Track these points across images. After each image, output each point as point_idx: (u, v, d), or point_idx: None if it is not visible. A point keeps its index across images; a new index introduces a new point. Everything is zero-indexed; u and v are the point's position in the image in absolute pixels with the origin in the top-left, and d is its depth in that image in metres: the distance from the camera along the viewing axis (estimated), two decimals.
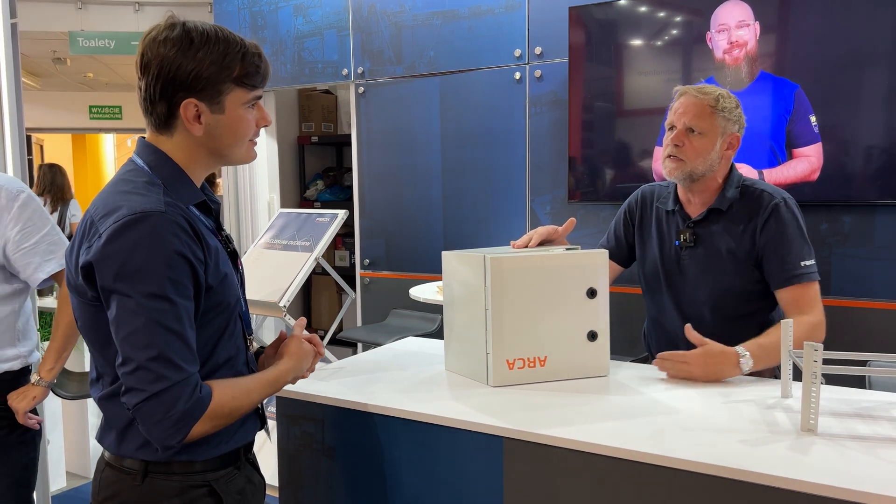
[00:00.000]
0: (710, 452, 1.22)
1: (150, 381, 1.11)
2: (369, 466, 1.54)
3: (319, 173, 5.17)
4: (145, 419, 1.13)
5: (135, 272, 1.11)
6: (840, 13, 2.60)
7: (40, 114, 8.63)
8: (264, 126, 1.31)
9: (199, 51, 1.19)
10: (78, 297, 1.22)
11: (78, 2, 4.58)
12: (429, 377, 1.73)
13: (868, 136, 2.59)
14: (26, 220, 1.95)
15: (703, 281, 1.90)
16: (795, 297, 1.79)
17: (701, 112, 1.83)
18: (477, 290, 1.64)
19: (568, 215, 3.25)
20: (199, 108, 1.21)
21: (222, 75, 1.20)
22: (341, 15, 3.78)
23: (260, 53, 1.25)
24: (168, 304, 1.12)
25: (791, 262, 1.79)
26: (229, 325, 1.29)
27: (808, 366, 1.31)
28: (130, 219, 1.13)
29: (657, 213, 2.00)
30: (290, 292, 2.96)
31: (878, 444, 1.25)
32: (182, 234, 1.16)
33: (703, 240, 1.90)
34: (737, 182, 1.89)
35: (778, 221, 1.81)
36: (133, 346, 1.12)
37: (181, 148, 1.25)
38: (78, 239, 1.21)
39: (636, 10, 2.99)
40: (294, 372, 1.38)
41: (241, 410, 1.24)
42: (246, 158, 1.31)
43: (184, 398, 1.12)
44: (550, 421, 1.39)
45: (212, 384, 1.19)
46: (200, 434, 1.16)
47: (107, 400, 1.24)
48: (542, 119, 3.30)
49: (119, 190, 1.20)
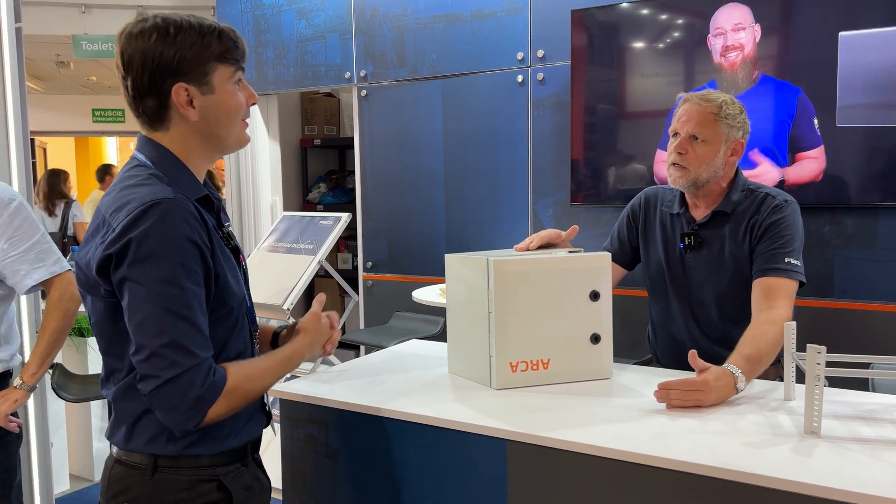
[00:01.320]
0: (713, 455, 1.22)
1: (163, 368, 1.13)
2: (373, 469, 1.54)
3: (322, 176, 5.18)
4: (161, 405, 1.15)
5: (146, 258, 1.13)
6: (842, 17, 2.60)
7: (44, 117, 8.65)
8: (253, 104, 1.32)
9: (178, 35, 1.20)
10: (91, 295, 1.24)
11: (81, 6, 4.60)
12: (432, 380, 1.73)
13: (871, 138, 2.59)
14: (16, 228, 1.96)
15: (708, 283, 1.90)
16: (768, 287, 1.75)
17: (704, 119, 1.83)
18: (480, 292, 1.64)
19: (570, 218, 3.27)
20: (190, 92, 1.22)
21: (205, 54, 1.22)
22: (344, 18, 3.79)
23: (234, 30, 1.27)
24: (178, 290, 1.14)
25: (775, 255, 1.78)
26: (238, 322, 1.30)
27: (811, 368, 1.31)
28: (141, 209, 1.14)
29: (661, 216, 2.00)
30: (293, 295, 2.97)
31: (881, 447, 1.25)
32: (191, 218, 1.17)
33: (707, 242, 1.90)
34: (742, 186, 1.90)
35: (774, 218, 1.82)
36: (146, 333, 1.13)
37: (178, 140, 1.26)
38: (90, 236, 1.23)
39: (638, 12, 3.00)
40: (310, 349, 1.40)
41: (259, 390, 1.26)
42: (241, 139, 1.32)
43: (198, 383, 1.14)
44: (554, 423, 1.39)
45: (226, 366, 1.21)
46: (218, 416, 1.18)
47: (119, 395, 1.25)
48: (544, 122, 3.31)
49: (126, 185, 1.22)
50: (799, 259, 1.79)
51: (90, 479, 3.66)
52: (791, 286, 1.76)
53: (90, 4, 4.62)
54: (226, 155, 1.44)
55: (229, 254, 1.30)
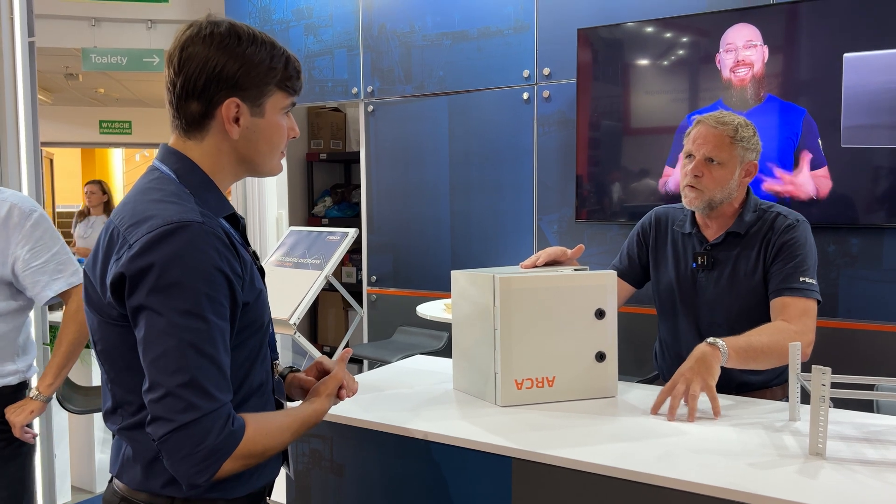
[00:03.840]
0: (718, 475, 1.22)
1: (179, 411, 1.00)
2: (377, 485, 1.54)
3: (328, 190, 5.21)
4: (172, 453, 1.02)
5: (169, 287, 1.01)
6: (847, 39, 2.62)
7: (51, 128, 8.71)
8: (293, 137, 1.25)
9: (247, 49, 1.13)
10: (100, 317, 1.12)
11: (91, 19, 4.65)
12: (437, 396, 1.73)
13: (876, 158, 2.60)
14: (37, 238, 1.98)
15: (719, 303, 1.91)
16: (783, 306, 1.78)
17: (720, 143, 1.83)
18: (486, 309, 1.65)
19: (575, 234, 3.28)
20: (240, 109, 1.14)
21: (268, 76, 1.15)
22: (352, 34, 3.83)
23: (299, 61, 1.22)
24: (203, 324, 1.03)
25: (790, 274, 1.80)
26: (262, 348, 1.21)
27: (815, 389, 1.31)
28: (166, 229, 1.03)
29: (672, 236, 2.01)
30: (300, 309, 2.97)
31: (886, 469, 1.25)
32: (221, 246, 1.07)
33: (719, 262, 1.91)
34: (754, 206, 1.91)
35: (787, 238, 1.84)
36: (162, 370, 1.01)
37: (210, 154, 1.17)
38: (102, 252, 1.11)
39: (643, 31, 3.02)
40: (326, 412, 1.28)
41: (274, 450, 1.14)
42: (276, 170, 1.25)
43: (215, 431, 1.02)
44: (559, 442, 1.39)
45: (245, 418, 1.09)
46: (229, 473, 1.05)
47: (132, 430, 1.13)
48: (549, 139, 3.32)
49: (148, 199, 1.10)
50: (814, 278, 1.81)
51: (91, 491, 3.66)
52: (807, 305, 1.78)
53: (100, 18, 4.67)
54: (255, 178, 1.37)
55: (259, 276, 1.21)
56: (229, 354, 1.08)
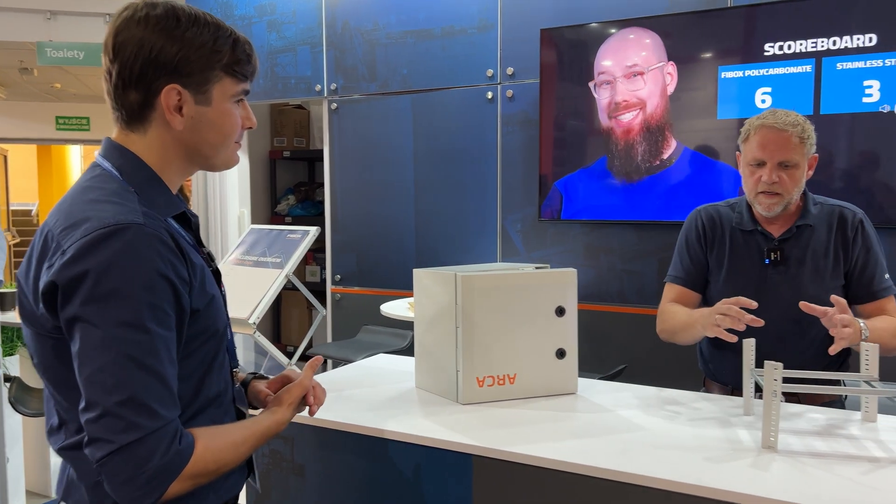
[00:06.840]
0: (674, 469, 1.24)
1: (119, 431, 0.92)
2: (339, 484, 1.54)
3: (291, 188, 5.16)
4: (112, 476, 0.93)
5: (106, 296, 0.93)
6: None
7: (5, 124, 8.48)
8: (249, 128, 1.16)
9: (187, 31, 1.04)
10: (34, 329, 1.02)
11: (47, 12, 4.54)
12: (399, 394, 1.73)
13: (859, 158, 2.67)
14: None
15: (793, 297, 1.81)
16: (881, 308, 1.85)
17: (791, 146, 1.81)
18: (448, 307, 1.65)
19: (538, 233, 3.30)
20: (182, 97, 1.05)
21: (212, 60, 1.06)
22: (315, 31, 3.80)
23: (250, 43, 1.13)
24: (144, 335, 0.94)
25: (879, 277, 1.86)
26: (218, 356, 1.12)
27: (768, 384, 1.34)
28: (102, 232, 0.95)
29: (732, 234, 1.96)
30: (260, 308, 2.94)
31: (834, 461, 1.29)
32: (164, 250, 0.98)
33: (791, 256, 1.89)
34: (813, 198, 1.92)
35: (865, 237, 1.87)
36: (99, 388, 0.92)
37: (154, 148, 1.08)
38: (35, 258, 1.02)
39: (607, 32, 3.06)
40: (288, 421, 1.21)
41: (229, 465, 1.06)
42: (231, 162, 1.15)
43: (160, 451, 0.93)
44: (519, 438, 1.41)
45: (195, 433, 1.00)
46: (177, 494, 0.97)
47: (73, 450, 1.03)
48: (513, 138, 3.34)
49: (85, 199, 1.02)
50: (887, 270, 1.88)
51: (46, 496, 3.57)
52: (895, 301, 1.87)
53: (56, 11, 4.56)
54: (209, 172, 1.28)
55: (213, 279, 1.13)
56: (176, 366, 1.00)
